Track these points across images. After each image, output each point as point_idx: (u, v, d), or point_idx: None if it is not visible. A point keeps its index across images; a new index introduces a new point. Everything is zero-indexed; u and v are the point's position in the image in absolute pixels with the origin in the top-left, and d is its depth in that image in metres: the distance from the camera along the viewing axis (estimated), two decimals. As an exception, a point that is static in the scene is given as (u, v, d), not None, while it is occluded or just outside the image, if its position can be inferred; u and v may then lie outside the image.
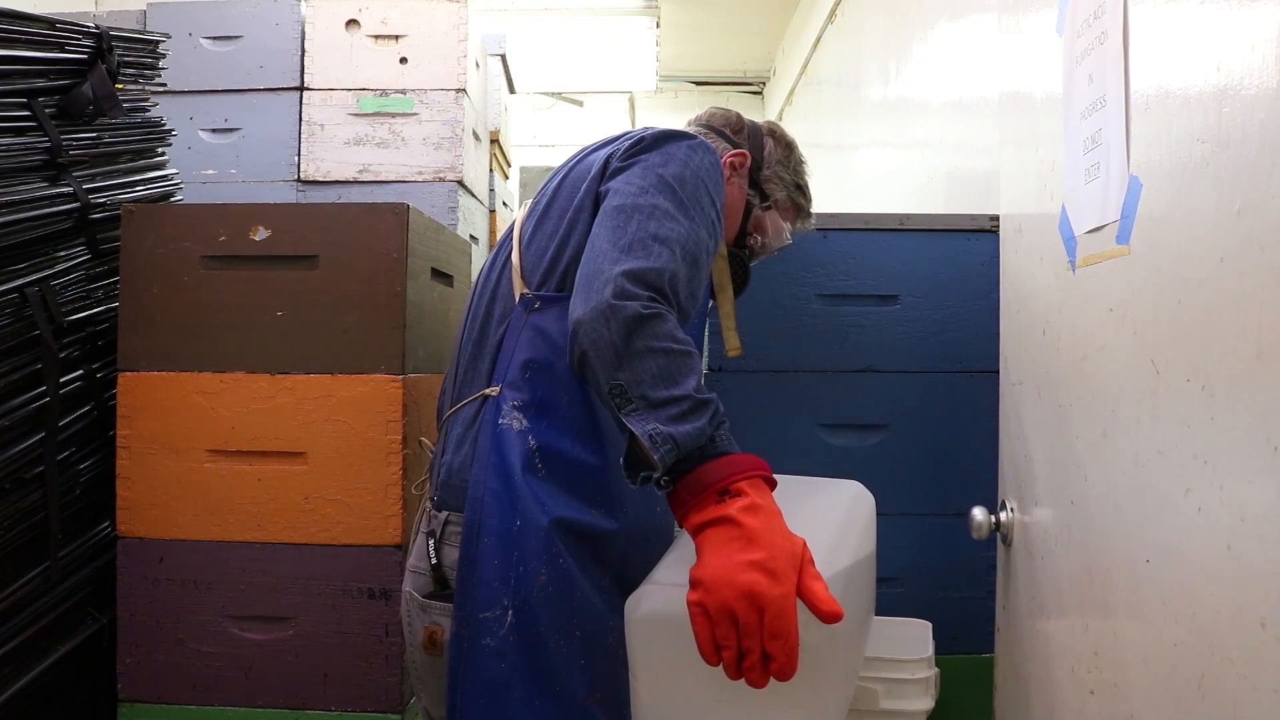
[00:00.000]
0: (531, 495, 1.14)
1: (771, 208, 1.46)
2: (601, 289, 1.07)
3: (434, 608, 1.20)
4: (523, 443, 1.16)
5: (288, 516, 1.64)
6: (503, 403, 1.18)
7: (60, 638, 1.67)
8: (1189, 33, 1.00)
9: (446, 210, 2.63)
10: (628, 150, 1.24)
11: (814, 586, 0.96)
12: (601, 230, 1.15)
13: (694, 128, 1.47)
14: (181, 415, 1.65)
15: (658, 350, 1.04)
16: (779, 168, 1.47)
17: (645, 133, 1.26)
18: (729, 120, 1.48)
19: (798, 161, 1.50)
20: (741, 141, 1.46)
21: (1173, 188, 1.03)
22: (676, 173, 1.20)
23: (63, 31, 1.70)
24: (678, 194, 1.18)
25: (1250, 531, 0.87)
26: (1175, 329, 1.01)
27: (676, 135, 1.25)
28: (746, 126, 1.48)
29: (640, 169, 1.21)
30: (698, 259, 1.17)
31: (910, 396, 1.68)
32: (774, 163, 1.47)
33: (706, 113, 1.50)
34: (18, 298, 1.61)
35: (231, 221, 1.66)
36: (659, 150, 1.23)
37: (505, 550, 1.13)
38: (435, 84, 2.66)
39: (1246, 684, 0.87)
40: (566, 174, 1.30)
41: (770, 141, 1.48)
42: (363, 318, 1.64)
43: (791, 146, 1.50)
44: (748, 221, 1.45)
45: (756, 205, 1.44)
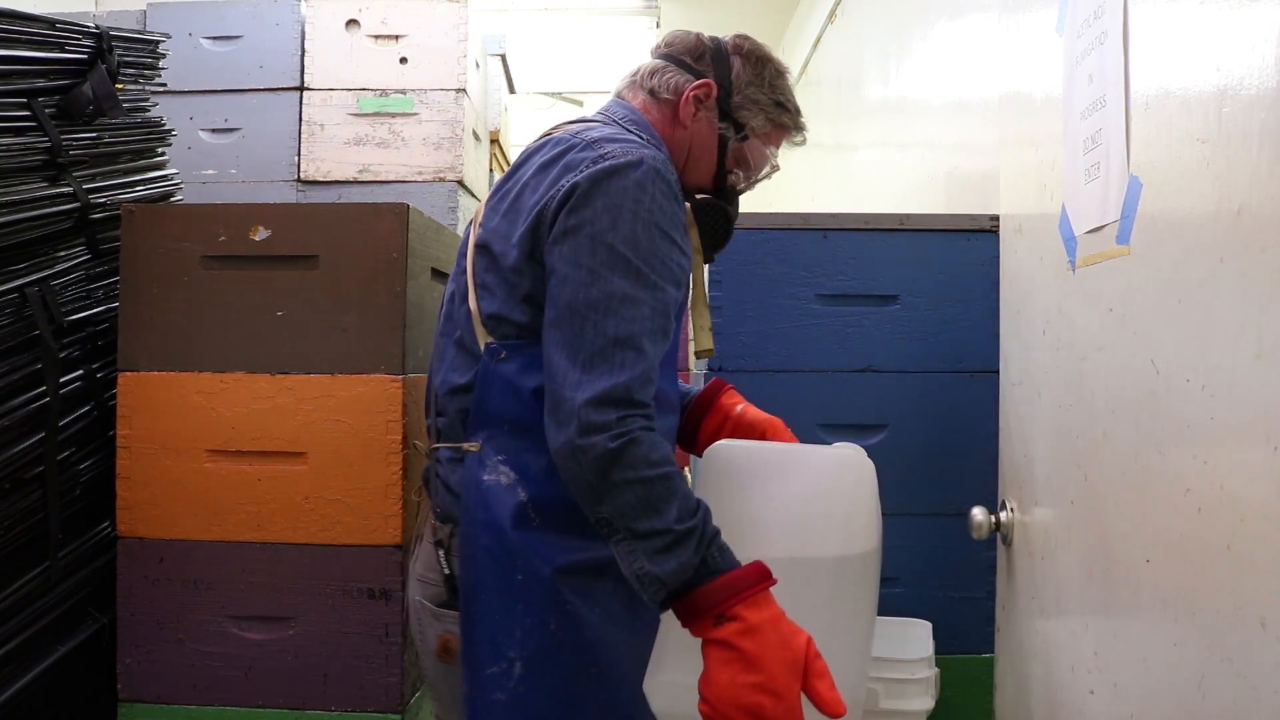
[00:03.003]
0: (530, 549, 1.12)
1: (749, 136, 1.32)
2: (567, 422, 1.03)
3: (447, 616, 1.18)
4: (513, 497, 1.13)
5: (288, 516, 1.64)
6: (485, 458, 1.15)
7: (60, 638, 1.67)
8: (1189, 33, 1.00)
9: (446, 210, 2.63)
10: (565, 206, 1.11)
11: (819, 687, 1.00)
12: (557, 338, 1.08)
13: (655, 62, 1.33)
14: (181, 415, 1.65)
15: (634, 481, 1.02)
16: (751, 89, 1.31)
17: (579, 175, 1.12)
18: (688, 45, 1.33)
19: (774, 75, 1.33)
20: (704, 69, 1.30)
21: (1173, 188, 1.03)
22: (628, 234, 1.09)
23: (63, 31, 1.70)
24: (633, 263, 1.08)
25: (1250, 531, 0.87)
26: (1175, 329, 1.01)
27: (615, 170, 1.11)
28: (709, 49, 1.32)
29: (586, 242, 1.09)
30: (668, 320, 1.12)
31: (910, 396, 1.68)
32: (745, 85, 1.31)
33: (665, 39, 1.36)
34: (18, 298, 1.61)
35: (231, 221, 1.66)
36: (600, 199, 1.10)
37: (507, 606, 1.11)
38: (435, 84, 2.66)
39: (1246, 684, 0.87)
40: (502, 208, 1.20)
41: (738, 61, 1.32)
42: (363, 318, 1.64)
43: (764, 60, 1.33)
44: (725, 158, 1.31)
45: (732, 138, 1.30)
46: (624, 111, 1.28)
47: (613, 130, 1.21)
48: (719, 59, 1.32)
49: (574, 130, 1.21)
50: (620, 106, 1.30)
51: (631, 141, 1.17)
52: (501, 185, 1.23)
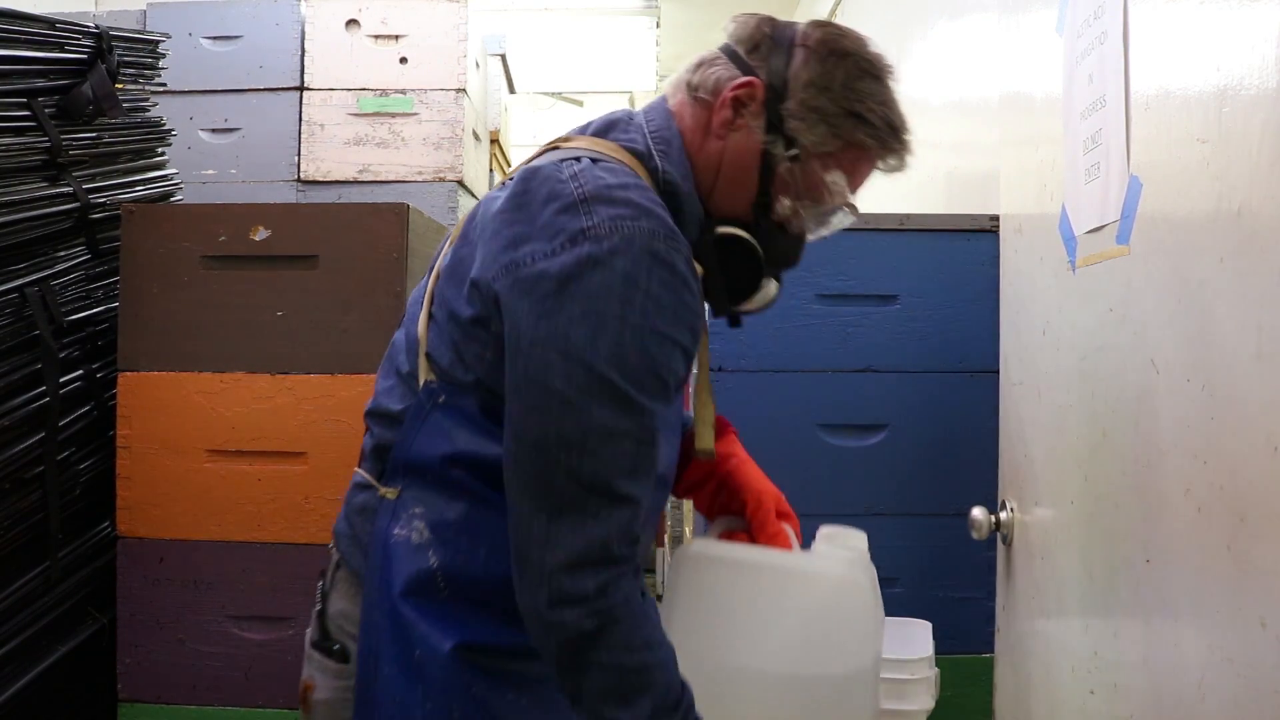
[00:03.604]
0: (427, 620, 0.94)
1: (804, 157, 1.00)
2: (535, 587, 0.87)
3: (314, 658, 1.03)
4: (420, 560, 0.94)
5: (288, 516, 1.64)
6: (401, 509, 0.96)
7: (60, 638, 1.67)
8: (1189, 33, 1.00)
9: (446, 210, 2.63)
10: (529, 299, 0.89)
11: None
12: (520, 478, 0.90)
13: (708, 52, 1.05)
14: (181, 415, 1.65)
15: (609, 666, 0.87)
16: (811, 93, 0.99)
17: (548, 263, 0.89)
18: (745, 31, 1.03)
19: (851, 75, 1.00)
20: (756, 63, 1.01)
21: (1173, 188, 1.03)
22: (612, 350, 0.87)
23: (63, 31, 1.70)
24: (619, 389, 0.87)
25: (1250, 531, 0.87)
26: (1175, 329, 1.01)
27: (596, 260, 0.88)
28: (766, 39, 1.02)
29: (559, 362, 0.87)
30: (659, 441, 0.93)
31: (910, 396, 1.68)
32: (803, 86, 0.99)
33: (730, 21, 1.07)
34: (18, 298, 1.61)
35: (231, 221, 1.66)
36: (577, 303, 0.87)
37: (408, 684, 0.94)
38: (435, 84, 2.66)
39: (1246, 684, 0.87)
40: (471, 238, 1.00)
41: (801, 54, 1.00)
42: (363, 318, 1.64)
43: (840, 54, 1.00)
44: (770, 181, 1.01)
45: (780, 155, 1.00)
46: (655, 120, 1.04)
47: (612, 173, 0.95)
48: (777, 50, 1.01)
49: (560, 163, 0.96)
50: (654, 111, 1.05)
51: (625, 199, 0.92)
52: (481, 206, 1.02)
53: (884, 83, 1.02)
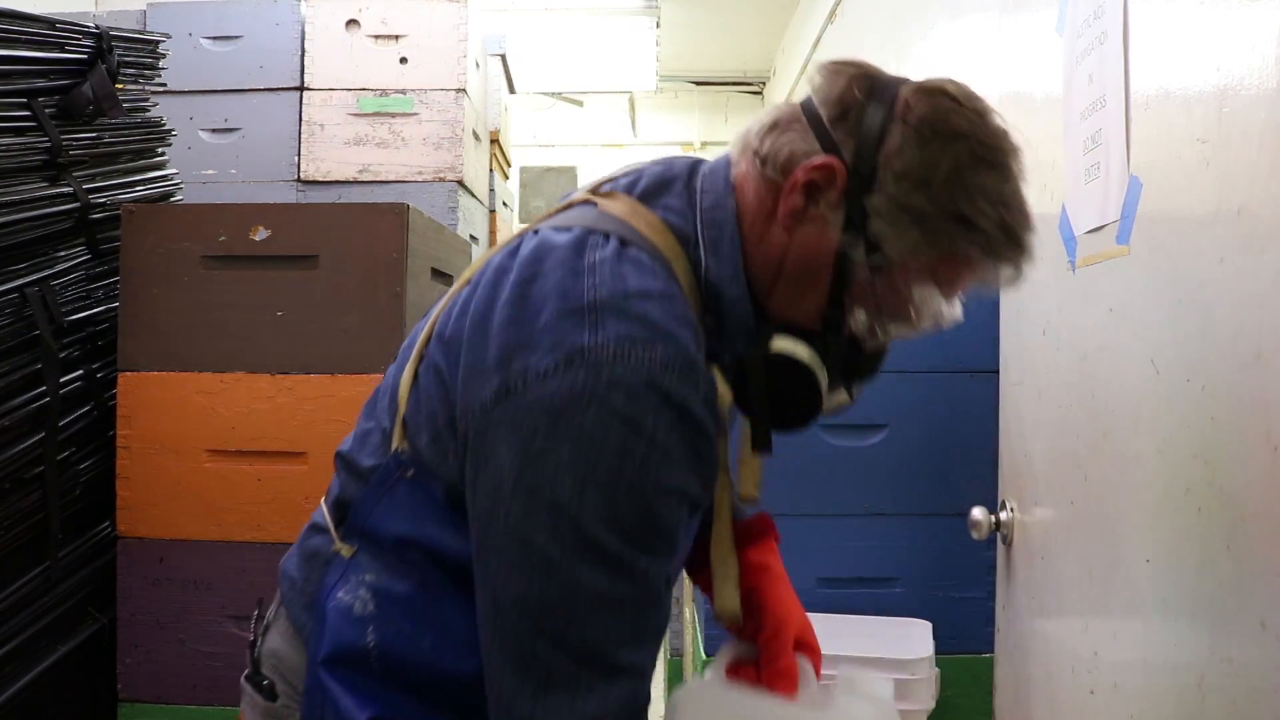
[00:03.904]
0: (350, 693, 0.85)
1: (889, 266, 0.82)
2: None
3: (246, 691, 0.97)
4: (357, 633, 0.86)
5: (288, 516, 1.64)
6: (352, 571, 0.88)
7: (60, 638, 1.67)
8: (1189, 33, 1.00)
9: (446, 210, 2.63)
10: (505, 429, 0.76)
11: None
12: (498, 641, 0.78)
13: (785, 109, 0.86)
14: (181, 415, 1.65)
15: None
16: (906, 186, 0.80)
17: (530, 392, 0.75)
18: (832, 90, 0.83)
19: (963, 164, 0.80)
20: (841, 137, 0.82)
21: (1173, 188, 1.03)
22: (603, 507, 0.74)
23: (63, 31, 1.70)
24: (610, 551, 0.75)
25: (1250, 531, 0.87)
26: (1175, 329, 1.01)
27: (590, 395, 0.74)
28: (857, 105, 0.82)
29: (542, 514, 0.74)
30: (663, 591, 0.82)
31: (910, 396, 1.68)
32: (897, 176, 0.80)
33: (820, 68, 0.86)
34: (18, 298, 1.61)
35: (231, 221, 1.66)
36: (564, 445, 0.74)
37: None
38: (435, 84, 2.66)
39: (1246, 684, 0.87)
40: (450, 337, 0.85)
41: (899, 133, 0.80)
42: (363, 318, 1.64)
43: (951, 136, 0.80)
44: (845, 288, 0.83)
45: (859, 259, 0.82)
46: (712, 193, 0.87)
47: (638, 269, 0.79)
48: (869, 121, 0.81)
49: (584, 241, 0.81)
50: (713, 177, 0.88)
51: (642, 314, 0.76)
52: (490, 266, 0.86)
53: (1006, 173, 0.81)
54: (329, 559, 0.91)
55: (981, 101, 0.84)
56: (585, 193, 0.92)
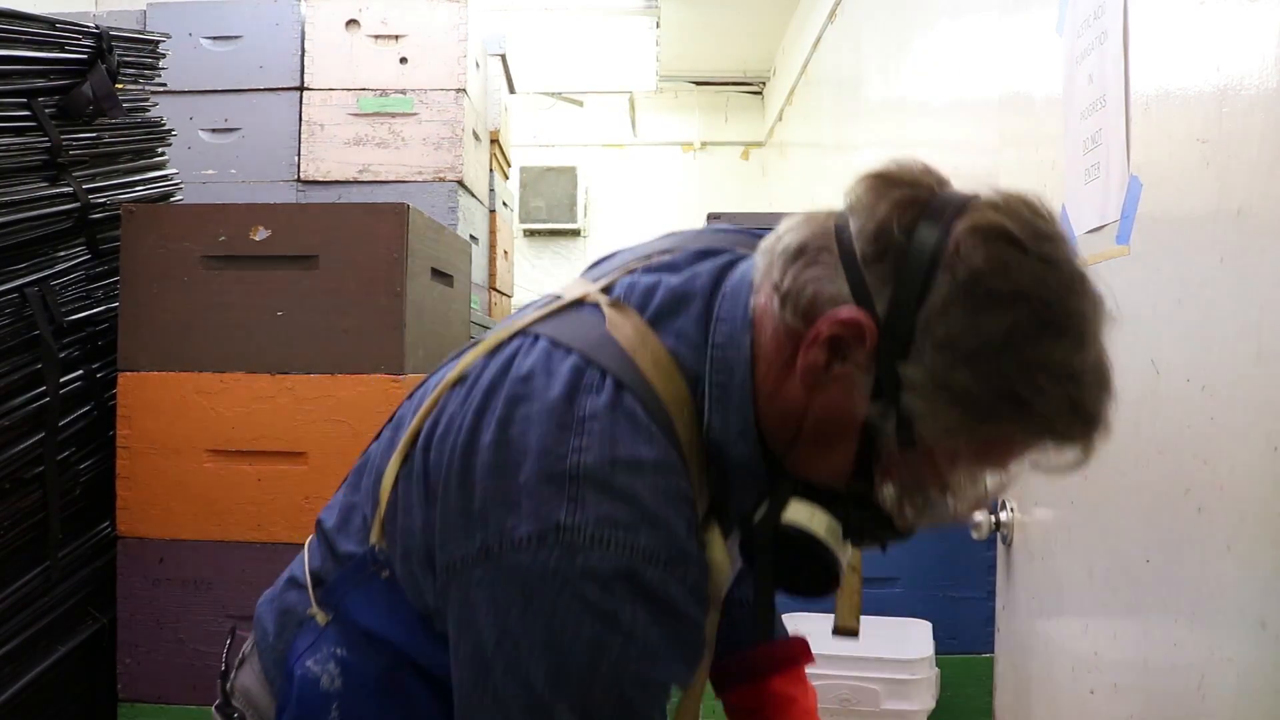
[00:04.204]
0: None
1: (918, 444, 0.70)
2: None
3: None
4: (321, 707, 0.84)
5: (288, 516, 1.64)
6: (324, 641, 0.85)
7: (60, 638, 1.67)
8: (1189, 33, 1.00)
9: (446, 210, 2.63)
10: (487, 581, 0.71)
11: None
12: None
13: (813, 230, 0.73)
14: (181, 415, 1.65)
15: None
16: (948, 358, 0.67)
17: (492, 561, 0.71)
18: (871, 219, 0.70)
19: (1023, 333, 0.66)
20: (875, 283, 0.69)
21: (1173, 188, 1.02)
22: (577, 696, 0.69)
23: (63, 31, 1.70)
24: None
25: (1250, 531, 0.87)
26: (1175, 329, 1.01)
27: (555, 572, 0.68)
28: (896, 246, 0.68)
29: (519, 690, 0.70)
30: None
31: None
32: (939, 344, 0.67)
33: (865, 174, 0.73)
34: (18, 298, 1.61)
35: (231, 221, 1.66)
36: (541, 607, 0.69)
37: None
38: (435, 84, 2.66)
39: (1246, 684, 0.87)
40: None
41: (945, 285, 0.67)
42: (363, 318, 1.64)
43: (1009, 299, 0.66)
44: (872, 458, 0.73)
45: (886, 431, 0.70)
46: (726, 326, 0.76)
47: (632, 430, 0.71)
48: (911, 267, 0.68)
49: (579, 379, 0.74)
50: (731, 303, 0.77)
51: (628, 492, 0.70)
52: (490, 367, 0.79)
53: (1080, 339, 0.67)
54: (303, 620, 0.88)
55: (1054, 238, 0.68)
56: (596, 283, 0.83)
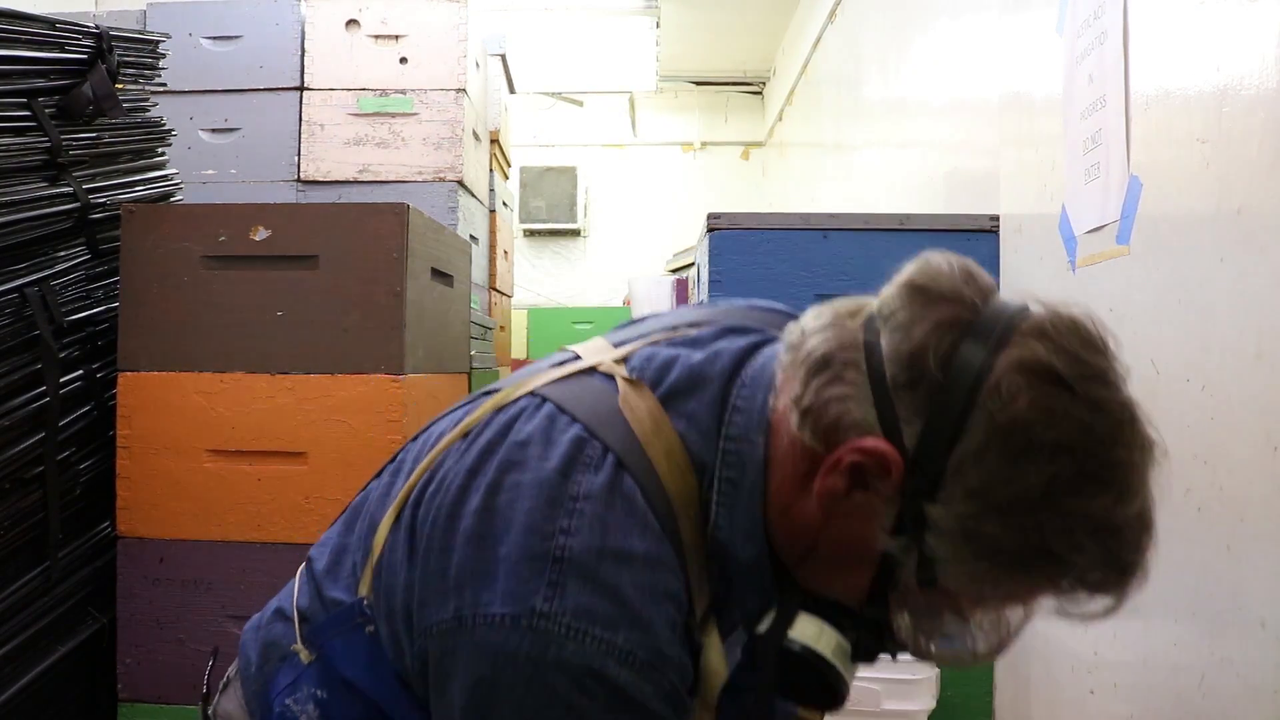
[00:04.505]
0: None
1: (939, 583, 0.65)
2: None
3: None
4: None
5: (288, 516, 1.64)
6: (304, 680, 0.83)
7: (60, 638, 1.67)
8: (1189, 33, 1.00)
9: (446, 210, 2.63)
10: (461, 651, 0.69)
11: None
12: None
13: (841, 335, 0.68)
14: (181, 415, 1.65)
15: None
16: (978, 506, 0.62)
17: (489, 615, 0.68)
18: (907, 340, 0.65)
19: (1062, 486, 0.60)
20: (904, 413, 0.64)
21: (1173, 188, 1.02)
22: None
23: (63, 31, 1.70)
24: None
25: (1250, 531, 0.87)
26: (1175, 329, 1.01)
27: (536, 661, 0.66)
28: (929, 377, 0.63)
29: None
30: None
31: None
32: (969, 494, 0.62)
33: (906, 279, 0.69)
34: (18, 298, 1.61)
35: (231, 221, 1.66)
36: (510, 696, 0.67)
37: None
38: (435, 84, 2.66)
39: (1246, 684, 0.87)
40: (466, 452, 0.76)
41: (982, 429, 0.62)
42: (363, 318, 1.64)
43: (1051, 451, 0.60)
44: (888, 587, 0.68)
45: (905, 567, 0.66)
46: (741, 419, 0.73)
47: (627, 519, 0.69)
48: (945, 403, 0.63)
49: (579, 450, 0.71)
50: (750, 395, 0.73)
51: (612, 588, 0.67)
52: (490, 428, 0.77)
53: (1125, 491, 0.61)
54: (286, 655, 0.85)
55: (1104, 377, 0.63)
56: (617, 349, 0.80)
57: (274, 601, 0.92)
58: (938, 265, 0.69)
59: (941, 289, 0.67)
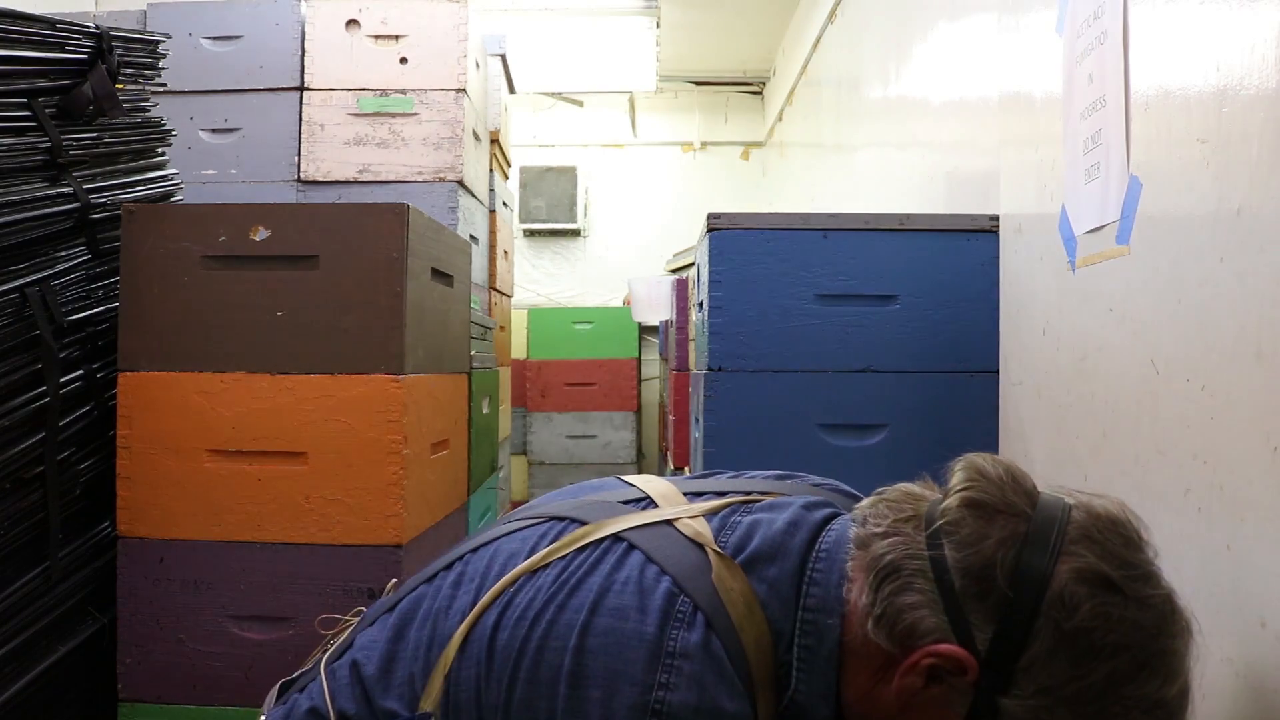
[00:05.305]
0: None
1: None
2: None
3: None
4: None
5: (288, 516, 1.64)
6: None
7: (60, 638, 1.67)
8: (1189, 33, 1.00)
9: (446, 210, 2.63)
10: None
11: None
12: None
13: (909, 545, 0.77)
14: (181, 415, 1.65)
15: None
16: (1049, 701, 0.71)
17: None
18: (977, 559, 0.74)
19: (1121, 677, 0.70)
20: (977, 621, 0.72)
21: (1173, 188, 1.03)
22: None
23: (63, 31, 1.70)
24: None
25: (1250, 531, 0.87)
26: (1175, 329, 1.01)
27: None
28: (998, 592, 0.72)
29: None
30: None
31: (910, 396, 1.68)
32: (1040, 690, 0.71)
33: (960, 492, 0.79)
34: (18, 298, 1.61)
35: (231, 221, 1.66)
36: None
37: None
38: (435, 84, 2.66)
39: (1246, 684, 0.87)
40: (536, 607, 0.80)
41: (1050, 636, 0.71)
42: (363, 318, 1.64)
43: (1111, 651, 0.70)
44: None
45: None
46: (818, 591, 0.80)
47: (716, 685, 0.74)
48: (1014, 615, 0.71)
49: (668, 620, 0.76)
50: (827, 566, 0.81)
51: None
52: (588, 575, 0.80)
53: (1170, 675, 0.71)
54: None
55: (1148, 573, 0.73)
56: (693, 504, 0.85)
57: (304, 698, 0.91)
58: (987, 474, 0.79)
59: (996, 504, 0.76)
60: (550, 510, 0.90)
